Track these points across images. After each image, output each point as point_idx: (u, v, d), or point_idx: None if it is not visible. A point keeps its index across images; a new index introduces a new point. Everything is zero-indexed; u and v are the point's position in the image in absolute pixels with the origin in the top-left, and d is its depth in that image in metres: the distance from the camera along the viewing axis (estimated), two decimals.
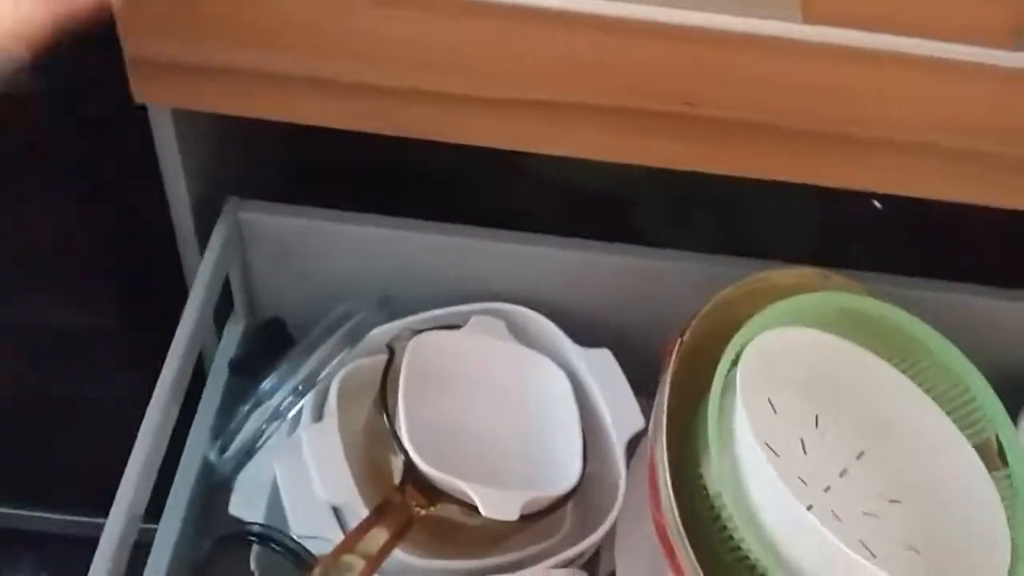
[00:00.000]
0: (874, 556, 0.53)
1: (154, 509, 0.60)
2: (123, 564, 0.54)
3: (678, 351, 0.54)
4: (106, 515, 0.54)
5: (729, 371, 0.52)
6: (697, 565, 0.48)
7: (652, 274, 0.68)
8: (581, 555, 0.59)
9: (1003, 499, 0.55)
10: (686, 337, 0.54)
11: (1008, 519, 0.54)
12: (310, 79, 0.56)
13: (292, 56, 0.55)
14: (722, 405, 0.52)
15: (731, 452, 0.51)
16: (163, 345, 0.61)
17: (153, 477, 0.57)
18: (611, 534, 0.63)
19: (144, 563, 0.60)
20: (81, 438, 0.84)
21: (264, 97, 0.57)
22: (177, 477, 0.63)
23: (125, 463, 0.56)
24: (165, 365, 0.60)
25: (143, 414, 0.57)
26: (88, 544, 0.54)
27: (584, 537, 0.60)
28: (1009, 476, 0.55)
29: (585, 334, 0.67)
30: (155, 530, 0.62)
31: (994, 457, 0.56)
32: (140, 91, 0.57)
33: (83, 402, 0.83)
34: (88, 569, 0.52)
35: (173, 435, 0.59)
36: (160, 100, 0.59)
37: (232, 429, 0.60)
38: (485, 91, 0.56)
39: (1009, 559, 0.52)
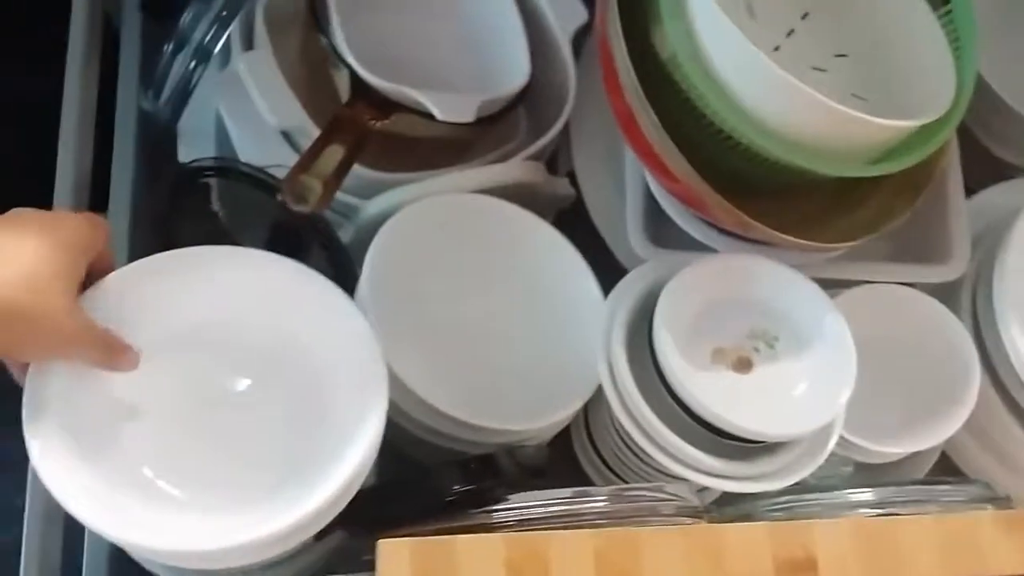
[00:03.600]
0: None
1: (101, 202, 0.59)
2: None
3: None
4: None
5: None
6: (657, 120, 0.49)
7: None
8: (540, 152, 0.60)
9: (946, 38, 0.55)
10: None
11: (952, 59, 0.55)
12: None
13: None
14: None
15: (684, 14, 0.49)
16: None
17: (90, 142, 0.55)
18: (567, 137, 0.64)
19: None
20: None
21: None
22: (116, 134, 0.61)
23: None
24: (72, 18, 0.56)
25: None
26: None
27: (540, 137, 0.60)
28: (952, 12, 0.55)
29: None
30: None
31: None
32: None
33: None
34: None
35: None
36: None
37: (160, 72, 0.57)
38: None
39: (952, 98, 0.53)
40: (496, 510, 0.42)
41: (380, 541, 0.36)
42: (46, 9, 0.59)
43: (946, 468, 0.59)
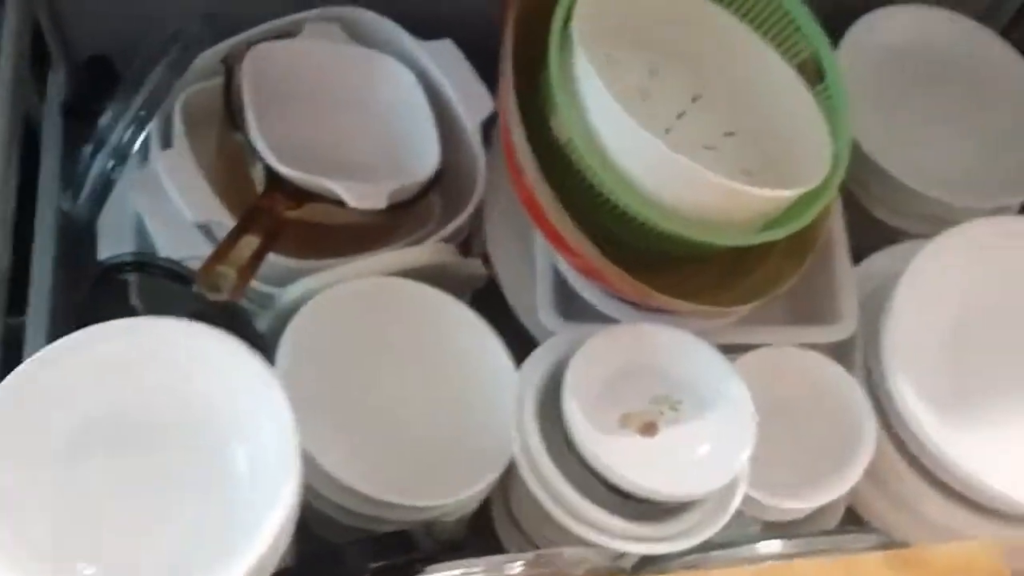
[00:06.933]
0: None
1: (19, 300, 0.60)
2: None
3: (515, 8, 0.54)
4: None
5: (565, 25, 0.54)
6: (555, 199, 0.52)
7: None
8: (453, 235, 0.62)
9: (823, 113, 0.60)
10: None
11: (829, 131, 0.59)
12: None
13: None
14: (563, 59, 0.53)
15: (577, 98, 0.53)
16: None
17: (9, 242, 0.56)
18: (481, 219, 0.66)
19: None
20: None
21: None
22: (36, 234, 0.62)
23: None
24: None
25: None
26: None
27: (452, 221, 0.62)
28: (827, 89, 0.60)
29: (425, 28, 0.67)
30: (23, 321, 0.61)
31: (813, 74, 0.61)
32: None
33: None
34: None
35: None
36: None
37: (80, 173, 0.59)
38: None
39: (829, 167, 0.57)
40: None
41: None
42: None
43: (854, 521, 0.62)
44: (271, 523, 0.41)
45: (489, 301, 0.65)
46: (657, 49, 0.62)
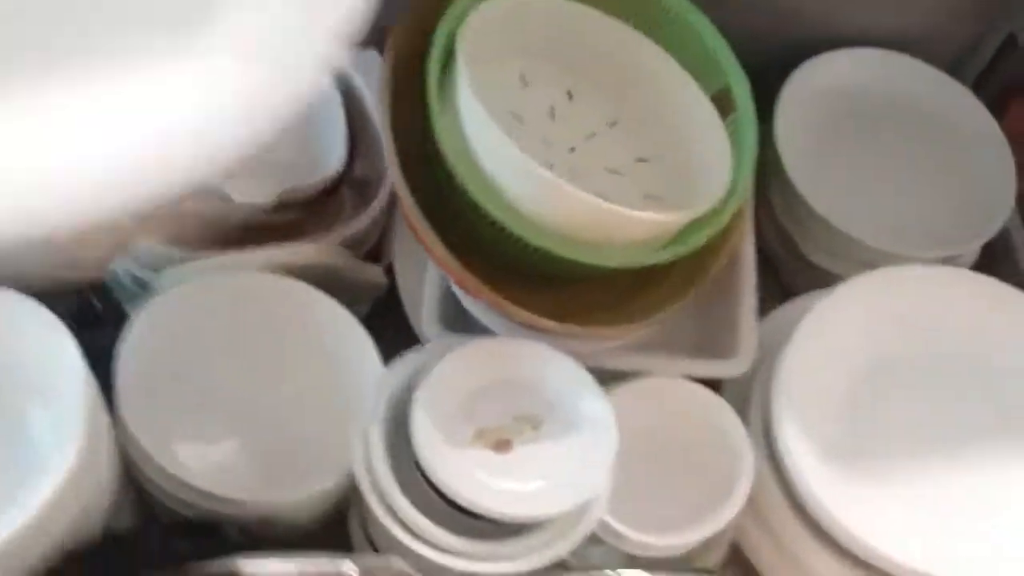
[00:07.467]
0: None
1: None
2: None
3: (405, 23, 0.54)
4: None
5: (455, 36, 0.53)
6: (413, 201, 0.51)
7: None
8: (352, 240, 0.62)
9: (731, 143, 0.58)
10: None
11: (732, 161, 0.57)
12: None
13: None
14: (452, 69, 0.53)
15: (453, 112, 0.52)
16: None
17: None
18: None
19: None
20: None
21: None
22: None
23: None
24: None
25: None
26: None
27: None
28: (735, 121, 0.58)
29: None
30: None
31: (726, 106, 0.59)
32: None
33: None
34: None
35: None
36: None
37: None
38: None
39: (723, 195, 0.55)
40: None
41: None
42: None
43: (739, 561, 0.59)
44: (44, 484, 0.40)
45: (394, 311, 0.64)
46: (579, 73, 0.61)
